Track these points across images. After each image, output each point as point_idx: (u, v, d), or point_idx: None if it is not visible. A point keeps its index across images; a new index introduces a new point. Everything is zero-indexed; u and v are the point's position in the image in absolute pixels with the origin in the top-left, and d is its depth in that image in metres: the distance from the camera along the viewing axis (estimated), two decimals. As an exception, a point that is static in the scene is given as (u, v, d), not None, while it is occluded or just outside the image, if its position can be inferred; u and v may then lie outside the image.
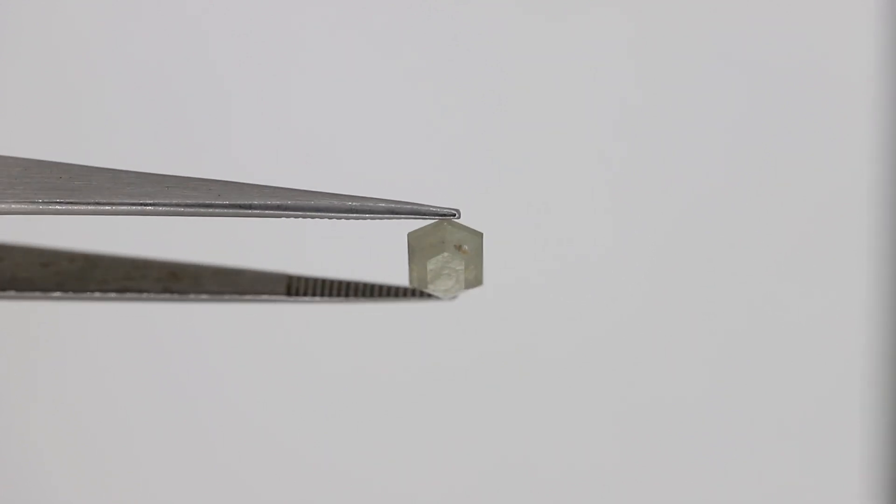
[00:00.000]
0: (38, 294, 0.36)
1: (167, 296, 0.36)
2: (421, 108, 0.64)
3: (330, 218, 0.30)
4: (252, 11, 0.62)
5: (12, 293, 0.36)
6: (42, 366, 0.63)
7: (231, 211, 0.30)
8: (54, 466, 0.63)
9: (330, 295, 0.35)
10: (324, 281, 0.36)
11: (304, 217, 0.30)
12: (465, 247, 0.30)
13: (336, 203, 0.30)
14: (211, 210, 0.30)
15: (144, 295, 0.36)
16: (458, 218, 0.30)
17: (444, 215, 0.30)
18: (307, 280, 0.36)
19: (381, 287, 0.35)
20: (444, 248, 0.30)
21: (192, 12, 0.62)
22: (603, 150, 0.65)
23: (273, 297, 0.36)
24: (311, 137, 0.63)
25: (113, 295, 0.36)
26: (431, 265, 0.30)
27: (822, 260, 0.66)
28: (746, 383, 0.66)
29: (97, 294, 0.36)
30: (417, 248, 0.30)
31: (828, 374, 0.66)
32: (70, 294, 0.36)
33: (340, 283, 0.36)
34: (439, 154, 0.64)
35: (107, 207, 0.30)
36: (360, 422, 0.65)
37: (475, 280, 0.31)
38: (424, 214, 0.30)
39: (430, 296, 0.34)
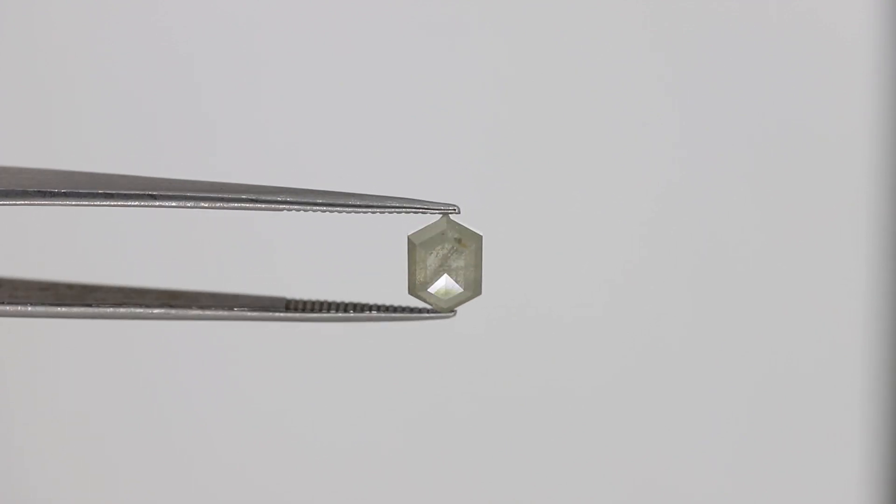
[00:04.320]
0: (37, 310, 0.36)
1: (165, 311, 0.36)
2: (418, 115, 0.64)
3: (332, 210, 0.30)
4: (245, 12, 0.63)
5: (8, 309, 0.36)
6: (31, 377, 0.63)
7: (237, 203, 0.30)
8: (44, 473, 0.63)
9: (328, 311, 0.36)
10: (322, 303, 0.36)
11: (305, 210, 0.30)
12: (465, 241, 0.30)
13: (339, 200, 0.30)
14: (217, 201, 0.30)
15: (143, 311, 0.36)
16: (458, 213, 0.30)
17: (444, 210, 0.30)
18: (305, 303, 0.37)
19: (380, 306, 0.36)
20: (445, 240, 0.30)
21: (184, 15, 0.63)
22: (601, 154, 0.65)
23: (272, 313, 0.36)
24: (310, 138, 0.63)
25: (110, 311, 0.36)
26: (431, 259, 0.30)
27: (821, 259, 0.66)
28: (747, 383, 0.66)
29: (96, 310, 0.36)
30: (417, 243, 0.30)
31: (828, 374, 0.66)
32: (69, 310, 0.36)
33: (339, 303, 0.36)
34: (438, 158, 0.64)
35: (111, 198, 0.30)
36: (357, 423, 0.64)
37: (474, 284, 0.31)
38: (425, 209, 0.30)
39: (429, 313, 0.34)
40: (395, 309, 0.35)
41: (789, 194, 0.66)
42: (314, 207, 0.30)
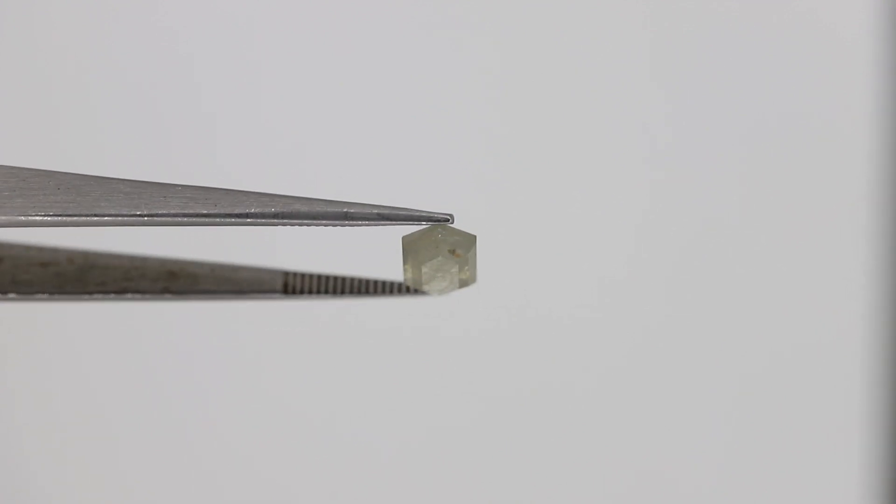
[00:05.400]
0: (39, 296, 0.36)
1: (166, 295, 0.36)
2: (413, 112, 0.64)
3: (325, 225, 0.30)
4: (244, 13, 0.62)
5: (13, 295, 0.36)
6: (39, 366, 0.63)
7: (228, 220, 0.30)
8: (52, 467, 0.64)
9: (326, 292, 0.36)
10: (319, 277, 0.37)
11: (300, 225, 0.30)
12: (459, 250, 0.30)
13: (331, 210, 0.30)
14: (208, 220, 0.30)
15: (143, 295, 0.36)
16: (452, 223, 0.30)
17: (438, 220, 0.30)
18: (303, 276, 0.37)
19: (375, 283, 0.36)
20: (439, 253, 0.30)
21: (184, 14, 0.62)
22: (599, 151, 0.65)
23: (270, 294, 0.36)
24: (305, 143, 0.63)
25: (112, 296, 0.36)
26: (426, 268, 0.30)
27: (821, 259, 0.66)
28: (746, 381, 0.67)
29: (97, 295, 0.36)
30: (411, 251, 0.31)
31: (827, 374, 0.67)
32: (70, 296, 0.36)
33: (336, 278, 0.36)
34: (433, 154, 0.64)
35: (105, 219, 0.30)
36: (358, 421, 0.65)
37: (469, 280, 0.32)
38: (418, 220, 0.30)
39: (424, 292, 0.35)
40: (391, 287, 0.36)
41: (789, 194, 0.65)
42: (308, 221, 0.30)
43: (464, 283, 0.32)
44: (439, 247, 0.30)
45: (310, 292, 0.36)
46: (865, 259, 0.66)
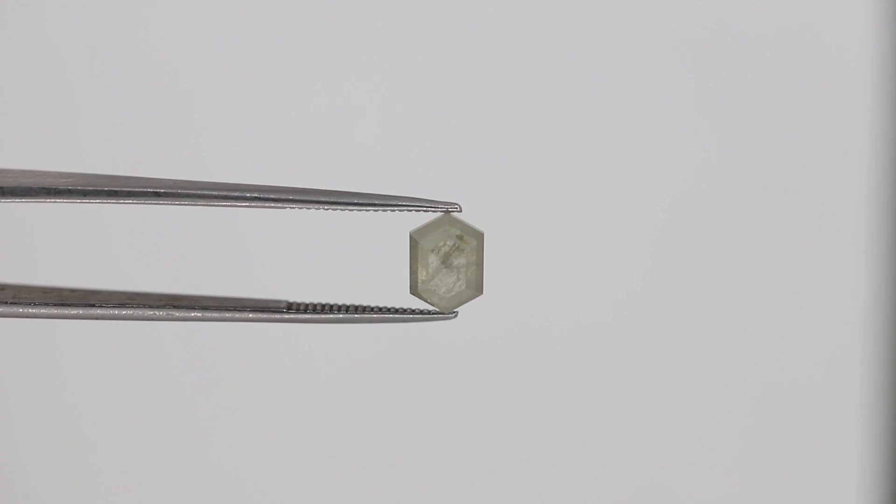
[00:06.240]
0: (41, 310, 0.36)
1: (168, 313, 0.36)
2: (420, 110, 0.65)
3: (335, 208, 0.31)
4: (253, 8, 0.63)
5: (18, 310, 0.36)
6: (37, 378, 0.63)
7: (245, 202, 0.31)
8: (43, 475, 0.63)
9: (330, 312, 0.36)
10: (323, 306, 0.37)
11: (311, 208, 0.31)
12: (467, 237, 0.30)
13: (343, 198, 0.31)
14: (227, 201, 0.31)
15: (145, 313, 0.36)
16: (460, 211, 0.31)
17: (446, 208, 0.31)
18: (307, 306, 0.37)
19: (381, 307, 0.36)
20: (447, 236, 0.30)
21: (192, 11, 0.63)
22: (600, 150, 0.65)
23: (273, 315, 0.36)
24: (314, 138, 0.64)
25: (112, 312, 0.36)
26: (433, 256, 0.31)
27: (821, 259, 0.66)
28: (746, 383, 0.66)
29: (99, 311, 0.36)
30: (419, 239, 0.31)
31: (827, 373, 0.67)
32: (73, 308, 0.36)
33: (340, 306, 0.37)
34: (439, 157, 0.64)
35: (121, 187, 0.31)
36: (361, 431, 0.64)
37: (476, 282, 0.32)
38: (426, 207, 0.31)
39: (430, 314, 0.35)
40: (396, 310, 0.36)
41: (789, 206, 0.66)
42: (318, 205, 0.31)
43: (471, 286, 0.32)
44: (447, 231, 0.30)
45: (314, 311, 0.36)
46: (870, 267, 0.66)
